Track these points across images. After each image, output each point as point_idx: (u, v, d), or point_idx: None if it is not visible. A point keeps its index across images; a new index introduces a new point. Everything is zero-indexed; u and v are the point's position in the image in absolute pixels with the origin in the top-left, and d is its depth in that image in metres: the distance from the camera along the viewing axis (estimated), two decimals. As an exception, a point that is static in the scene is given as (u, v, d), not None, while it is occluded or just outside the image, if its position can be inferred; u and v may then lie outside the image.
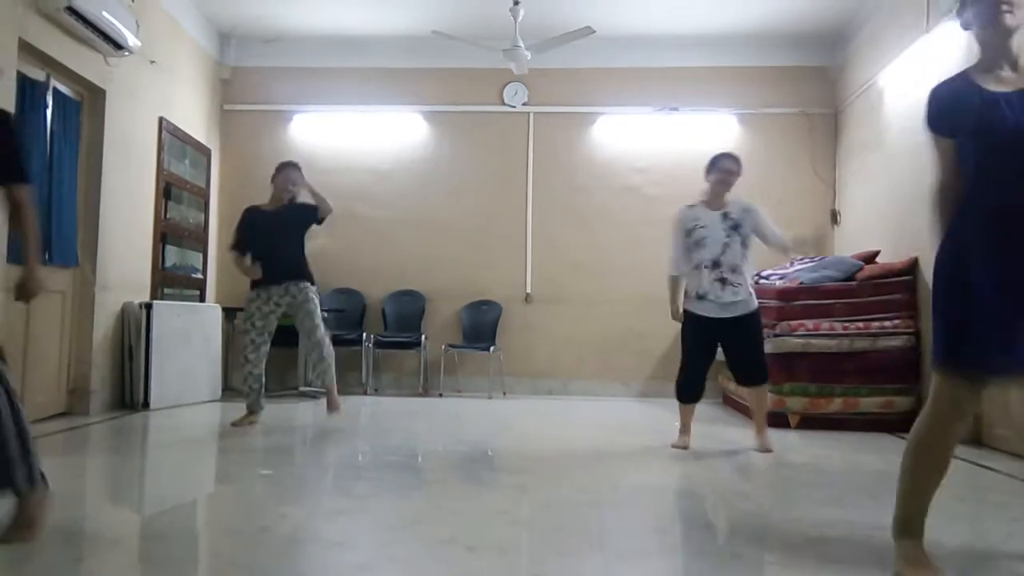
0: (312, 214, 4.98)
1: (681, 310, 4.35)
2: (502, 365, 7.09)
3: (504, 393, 7.03)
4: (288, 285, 4.82)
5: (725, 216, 4.27)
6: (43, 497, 2.35)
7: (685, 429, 4.38)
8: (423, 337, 6.99)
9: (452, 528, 2.62)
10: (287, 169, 4.98)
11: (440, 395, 6.90)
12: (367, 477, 3.62)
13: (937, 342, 2.18)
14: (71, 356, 5.14)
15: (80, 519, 2.59)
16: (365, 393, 6.90)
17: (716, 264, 4.22)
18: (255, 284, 4.85)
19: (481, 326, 7.13)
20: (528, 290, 7.28)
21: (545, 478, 3.54)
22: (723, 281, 4.21)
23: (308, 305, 4.86)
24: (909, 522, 2.20)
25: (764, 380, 4.37)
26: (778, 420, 5.11)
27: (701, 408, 4.52)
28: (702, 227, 4.27)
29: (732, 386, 6.05)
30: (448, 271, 7.26)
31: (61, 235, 4.88)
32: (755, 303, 4.29)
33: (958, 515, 3.05)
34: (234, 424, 4.80)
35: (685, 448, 4.28)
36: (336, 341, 7.00)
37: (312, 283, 4.93)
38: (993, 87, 2.11)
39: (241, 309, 6.83)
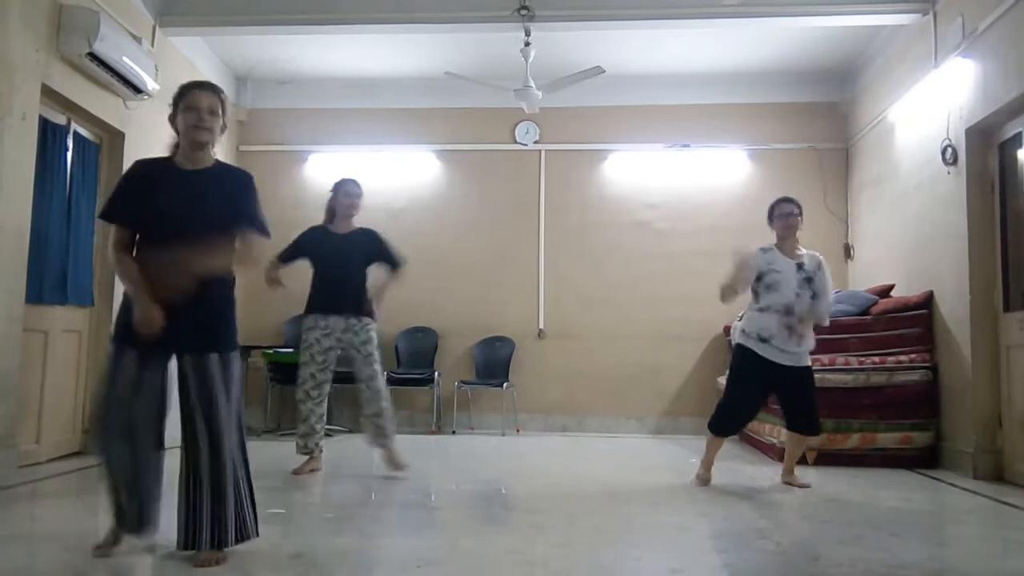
0: (383, 250, 4.54)
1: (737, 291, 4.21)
2: (515, 402, 7.06)
3: (518, 430, 6.99)
4: (350, 319, 4.42)
5: (800, 267, 4.24)
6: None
7: (707, 465, 4.35)
8: (436, 374, 6.98)
9: (465, 568, 2.59)
10: (346, 184, 4.61)
11: (453, 432, 6.87)
12: (379, 516, 3.59)
13: None
14: (86, 395, 5.16)
15: (92, 559, 2.58)
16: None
17: (789, 311, 4.17)
18: (311, 309, 4.48)
19: (494, 362, 7.12)
20: (541, 326, 7.28)
21: (559, 517, 3.50)
22: (791, 329, 4.16)
23: (368, 347, 4.43)
24: None
25: (814, 434, 4.40)
26: (795, 457, 5.05)
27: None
28: (777, 271, 4.22)
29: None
30: (461, 307, 7.27)
31: (78, 275, 4.93)
32: (809, 359, 4.29)
33: (979, 554, 3.00)
34: (296, 472, 4.41)
35: (706, 484, 4.25)
36: (351, 379, 7.01)
37: (373, 319, 4.50)
38: None
39: (255, 347, 6.92)
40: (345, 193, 4.58)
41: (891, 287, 5.82)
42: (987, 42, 4.57)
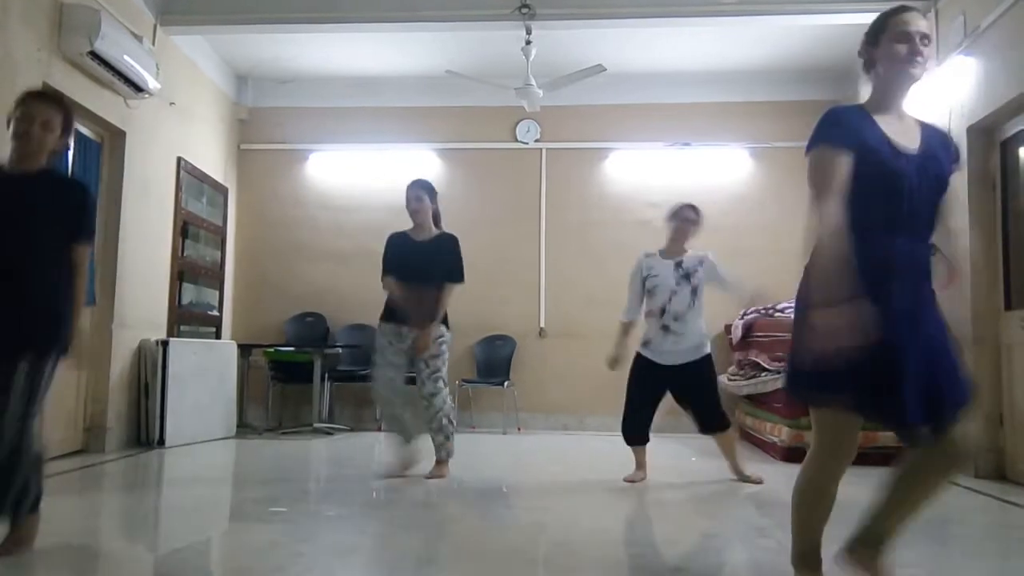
0: (447, 261, 4.53)
1: (620, 357, 4.45)
2: (516, 400, 7.06)
3: (519, 429, 6.99)
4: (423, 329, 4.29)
5: (678, 265, 4.36)
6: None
7: (639, 466, 4.45)
8: (437, 373, 6.97)
9: (467, 568, 2.60)
10: (409, 189, 4.53)
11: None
12: (380, 515, 3.60)
13: None
14: (88, 394, 5.17)
15: (94, 557, 2.58)
16: (379, 429, 6.88)
17: (662, 312, 4.30)
18: (389, 318, 4.38)
19: (495, 361, 7.12)
20: (542, 324, 7.28)
21: (562, 515, 3.50)
22: (665, 329, 4.29)
23: (436, 361, 4.32)
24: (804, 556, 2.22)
25: (723, 428, 4.38)
26: (797, 455, 5.04)
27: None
28: (654, 276, 4.37)
29: (750, 420, 5.99)
30: (462, 306, 7.17)
31: (80, 274, 4.93)
32: (705, 350, 4.33)
33: (982, 552, 2.99)
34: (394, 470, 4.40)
35: (636, 482, 4.33)
36: (353, 377, 7.04)
37: (447, 328, 4.47)
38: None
39: (256, 346, 6.93)
40: (407, 199, 4.52)
41: (892, 285, 5.81)
42: (989, 40, 4.57)
